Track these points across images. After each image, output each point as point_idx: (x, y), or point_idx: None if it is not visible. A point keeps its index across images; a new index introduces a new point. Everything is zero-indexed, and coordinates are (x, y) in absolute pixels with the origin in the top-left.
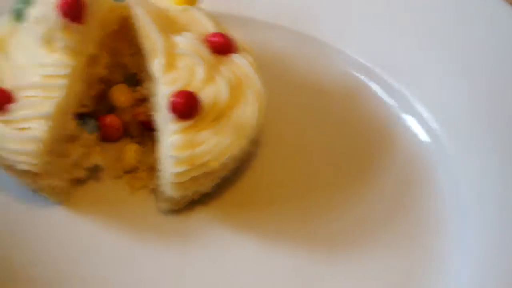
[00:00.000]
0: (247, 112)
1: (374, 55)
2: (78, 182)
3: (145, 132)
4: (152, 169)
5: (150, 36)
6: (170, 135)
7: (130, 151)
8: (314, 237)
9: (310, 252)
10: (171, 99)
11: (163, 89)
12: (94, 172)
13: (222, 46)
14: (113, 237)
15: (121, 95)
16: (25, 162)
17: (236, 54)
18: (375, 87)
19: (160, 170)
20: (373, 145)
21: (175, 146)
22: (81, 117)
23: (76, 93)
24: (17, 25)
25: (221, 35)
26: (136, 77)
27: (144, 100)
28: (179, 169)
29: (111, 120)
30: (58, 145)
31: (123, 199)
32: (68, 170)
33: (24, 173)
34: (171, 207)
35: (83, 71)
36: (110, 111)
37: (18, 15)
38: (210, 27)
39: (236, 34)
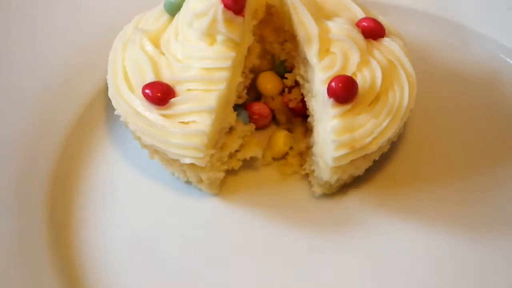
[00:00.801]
0: (401, 94)
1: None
2: (231, 172)
3: (293, 118)
4: (301, 154)
5: (304, 23)
6: (330, 120)
7: (281, 138)
8: (470, 219)
9: (468, 234)
10: (330, 84)
11: (320, 75)
12: (247, 162)
13: (373, 31)
14: (268, 225)
15: (268, 82)
16: (191, 156)
17: (387, 38)
18: None
19: (317, 155)
20: None
21: (336, 130)
22: (234, 108)
23: (236, 85)
24: (169, 19)
25: (372, 19)
26: (284, 64)
27: (292, 87)
28: (340, 152)
29: (259, 107)
30: (219, 137)
31: (275, 186)
32: (226, 161)
33: (188, 166)
34: (324, 191)
35: (242, 62)
36: (257, 99)
37: (172, 9)
38: (358, 13)
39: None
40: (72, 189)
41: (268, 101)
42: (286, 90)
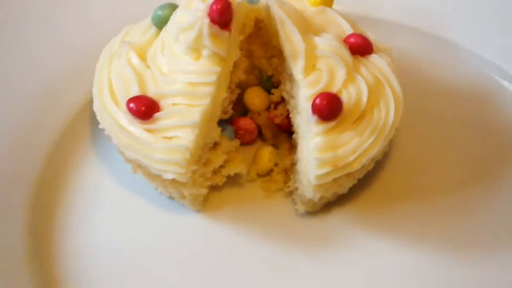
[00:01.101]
0: (386, 112)
1: (509, 56)
2: (215, 187)
3: (279, 134)
4: (286, 171)
5: (291, 38)
6: (313, 137)
7: (266, 154)
8: (454, 238)
9: (452, 253)
10: (314, 101)
11: (305, 91)
12: (231, 178)
13: (361, 47)
14: (250, 242)
15: (255, 98)
16: (172, 171)
17: (375, 55)
18: (510, 88)
19: (300, 173)
20: (507, 147)
21: (319, 148)
22: (219, 123)
23: (220, 100)
24: (156, 32)
25: (360, 36)
26: (271, 79)
27: (278, 102)
28: (322, 170)
29: (245, 122)
30: (202, 153)
31: (259, 203)
32: (209, 177)
33: (170, 182)
34: (308, 209)
35: (227, 77)
36: (243, 114)
37: (159, 22)
38: (347, 28)
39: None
40: (55, 201)
41: (254, 117)
42: (272, 106)
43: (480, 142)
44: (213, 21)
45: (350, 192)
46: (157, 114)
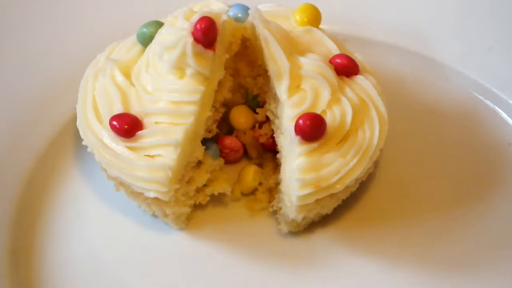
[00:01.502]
0: (371, 134)
1: (494, 76)
2: (198, 206)
3: (264, 153)
4: (271, 190)
5: (276, 58)
6: (296, 158)
7: (250, 173)
8: (435, 259)
9: (432, 273)
10: (297, 121)
11: (289, 111)
12: (215, 196)
13: (346, 68)
14: (233, 261)
15: (241, 117)
16: (154, 190)
17: (360, 76)
18: (495, 108)
19: (283, 193)
20: (493, 167)
21: (301, 169)
22: (203, 141)
23: (204, 119)
24: (141, 50)
25: (345, 56)
26: (257, 98)
27: (263, 122)
28: (304, 191)
29: (231, 141)
30: (185, 172)
31: (242, 222)
32: (193, 196)
33: (152, 200)
34: (291, 229)
35: (211, 96)
36: (228, 133)
37: (144, 39)
38: (333, 49)
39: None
40: (37, 216)
41: (240, 135)
42: (257, 125)
43: (465, 162)
44: (197, 40)
45: (334, 212)
46: (140, 132)
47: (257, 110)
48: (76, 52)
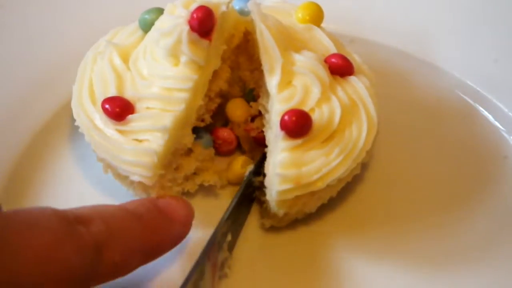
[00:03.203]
0: (358, 135)
1: (483, 78)
2: (187, 194)
3: (257, 147)
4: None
5: (269, 52)
6: (279, 153)
7: (239, 161)
8: (419, 260)
9: (413, 275)
10: (283, 116)
11: (277, 106)
12: (204, 187)
13: (341, 68)
14: None
15: (237, 109)
16: (139, 174)
17: (354, 77)
18: (482, 111)
19: (266, 187)
20: (481, 168)
21: (282, 164)
22: (196, 130)
23: (196, 107)
24: (142, 36)
25: (341, 56)
26: (253, 92)
27: (256, 116)
28: (284, 186)
29: (224, 133)
30: (173, 158)
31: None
32: (181, 183)
33: (137, 184)
34: (273, 224)
35: (205, 86)
36: (224, 125)
37: (145, 25)
38: (331, 48)
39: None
40: (25, 192)
41: (234, 128)
42: (249, 118)
43: (455, 166)
44: (192, 28)
45: (318, 212)
46: (130, 116)
47: (251, 104)
48: (79, 34)
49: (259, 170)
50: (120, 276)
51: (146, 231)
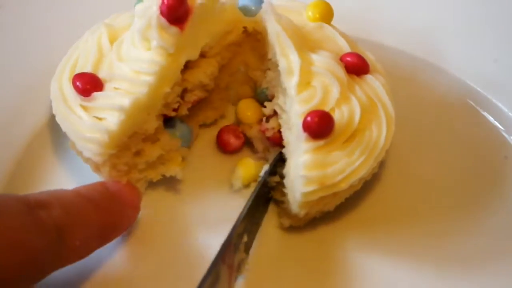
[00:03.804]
0: (378, 134)
1: (483, 78)
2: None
3: (270, 147)
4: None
5: (287, 54)
6: (302, 154)
7: (251, 164)
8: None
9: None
10: (306, 118)
11: (297, 107)
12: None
13: (357, 66)
14: None
15: (248, 110)
16: (89, 150)
17: (370, 76)
18: (482, 111)
19: (287, 188)
20: (481, 168)
21: (306, 166)
22: (169, 120)
23: (162, 94)
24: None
25: (356, 55)
26: (265, 92)
27: (271, 116)
28: (309, 188)
29: (233, 132)
30: (131, 142)
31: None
32: (142, 170)
33: (87, 160)
34: (292, 223)
35: (175, 74)
36: (236, 124)
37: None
38: (344, 46)
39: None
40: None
41: (245, 129)
42: (264, 118)
43: (455, 166)
44: (162, 13)
45: (337, 210)
46: (95, 94)
47: (265, 103)
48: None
49: (274, 170)
50: (80, 259)
51: (102, 215)
